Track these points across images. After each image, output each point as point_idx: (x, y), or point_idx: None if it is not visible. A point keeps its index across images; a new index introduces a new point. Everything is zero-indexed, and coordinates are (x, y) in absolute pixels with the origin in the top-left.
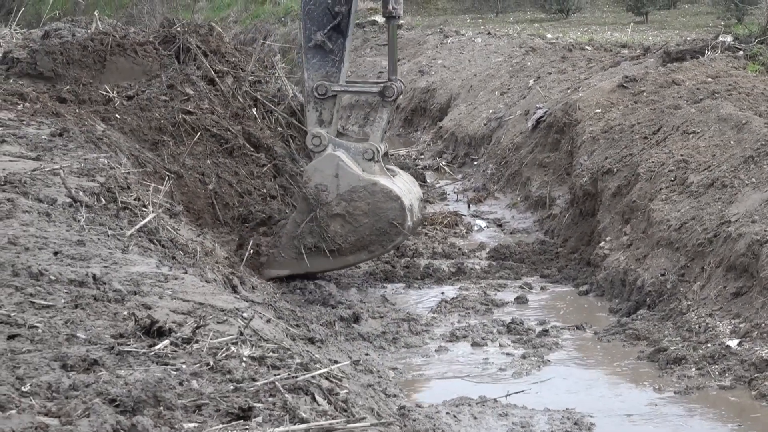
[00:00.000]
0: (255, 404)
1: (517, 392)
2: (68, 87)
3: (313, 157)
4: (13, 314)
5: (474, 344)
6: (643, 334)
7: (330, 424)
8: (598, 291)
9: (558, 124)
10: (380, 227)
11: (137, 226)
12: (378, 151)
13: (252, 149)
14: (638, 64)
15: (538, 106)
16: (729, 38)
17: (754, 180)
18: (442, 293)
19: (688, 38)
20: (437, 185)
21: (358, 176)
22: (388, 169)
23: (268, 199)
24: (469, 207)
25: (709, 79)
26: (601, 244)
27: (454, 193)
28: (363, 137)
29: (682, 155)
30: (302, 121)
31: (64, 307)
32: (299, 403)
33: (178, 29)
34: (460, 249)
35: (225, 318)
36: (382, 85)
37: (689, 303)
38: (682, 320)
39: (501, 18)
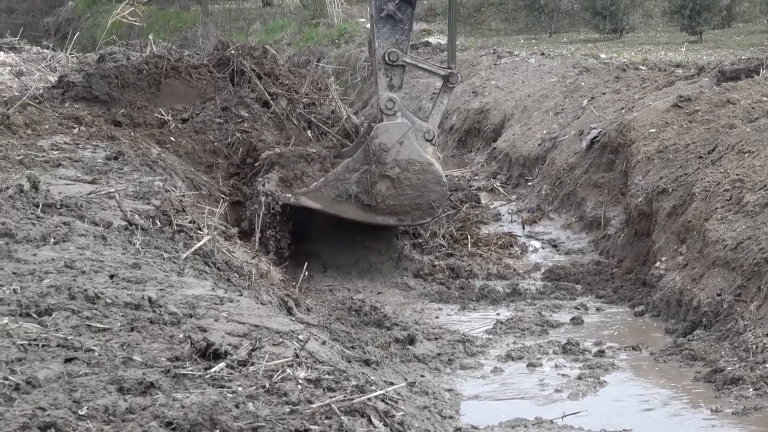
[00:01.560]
0: (311, 426)
1: (573, 413)
2: (123, 110)
3: (382, 119)
4: (69, 337)
5: (530, 365)
6: (699, 354)
7: None
8: (654, 311)
9: (612, 144)
10: (419, 203)
11: (192, 249)
12: (437, 135)
13: None
14: (693, 84)
15: (592, 126)
16: None
17: None
18: (498, 314)
19: (743, 57)
20: (491, 206)
21: (419, 152)
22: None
23: None
24: (523, 228)
25: (765, 98)
26: (657, 264)
27: (509, 214)
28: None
29: (737, 175)
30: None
31: (120, 330)
32: (355, 425)
33: (233, 52)
34: (514, 270)
35: (280, 340)
36: (448, 70)
37: (746, 323)
38: (739, 340)
39: (554, 38)
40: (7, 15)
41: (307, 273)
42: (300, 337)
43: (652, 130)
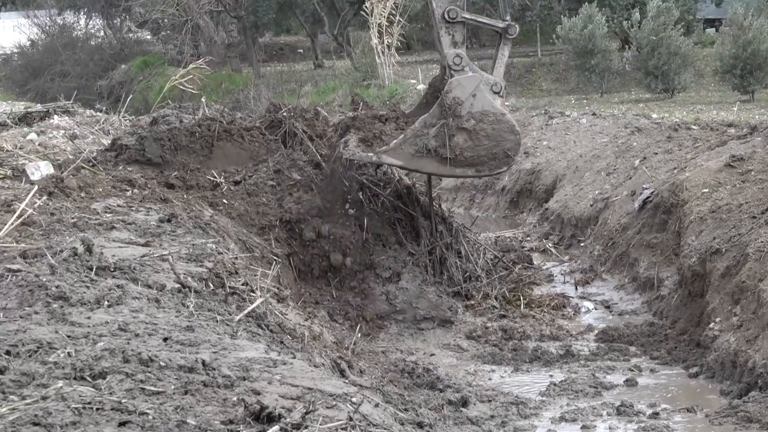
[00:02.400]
0: None
1: None
2: (176, 173)
3: (451, 75)
4: (124, 401)
5: (584, 427)
6: (755, 416)
7: None
8: (709, 373)
9: (665, 205)
10: (495, 153)
11: (245, 311)
12: (504, 87)
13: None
14: (745, 143)
15: (644, 186)
16: None
17: None
18: (551, 376)
19: None
20: (544, 267)
21: (492, 103)
22: None
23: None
24: (576, 289)
25: None
26: (711, 325)
27: (561, 274)
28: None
29: None
30: (408, 205)
31: (174, 393)
32: None
33: (284, 114)
34: (567, 331)
35: (334, 403)
36: (505, 22)
37: None
38: None
39: (606, 98)
40: (61, 79)
41: (359, 335)
42: (353, 399)
43: (704, 190)
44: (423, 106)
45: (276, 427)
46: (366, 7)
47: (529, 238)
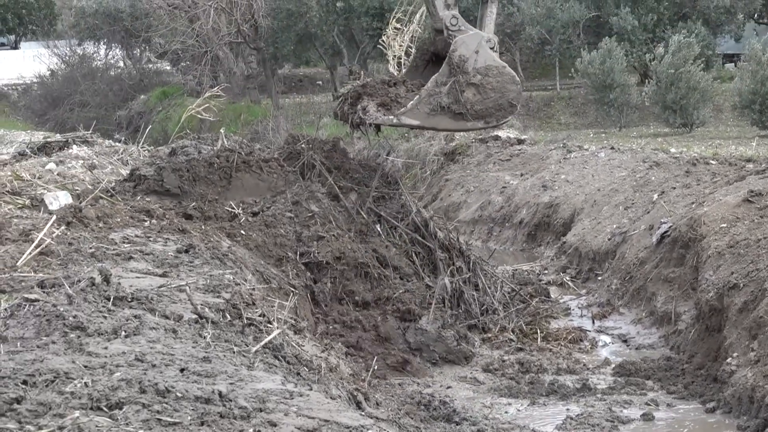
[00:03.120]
0: None
1: None
2: (194, 203)
3: (449, 36)
4: (140, 431)
5: None
6: None
7: None
8: (726, 408)
9: (683, 239)
10: (501, 104)
11: (262, 343)
12: (497, 42)
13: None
14: (764, 178)
15: (662, 220)
16: None
17: None
18: (567, 410)
19: None
20: (561, 301)
21: (493, 57)
22: None
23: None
24: (593, 322)
25: None
26: (728, 360)
27: (578, 308)
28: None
29: None
30: (426, 238)
31: (190, 424)
32: None
33: (303, 145)
34: (584, 365)
35: None
36: None
37: None
38: None
39: (624, 132)
40: (80, 109)
41: (376, 367)
42: None
43: (723, 225)
44: (413, 69)
45: None
46: (383, 40)
47: (546, 272)
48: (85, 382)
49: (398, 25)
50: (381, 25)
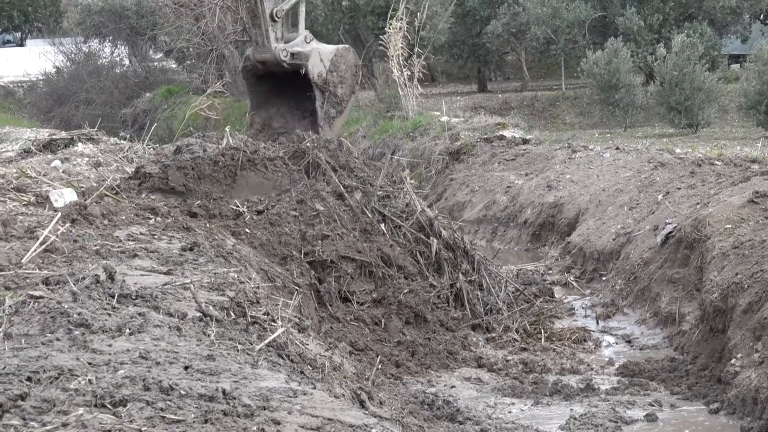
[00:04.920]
0: None
1: None
2: (199, 202)
3: (283, 65)
4: (144, 429)
5: None
6: None
7: None
8: (730, 409)
9: (687, 240)
10: (352, 72)
11: (266, 341)
12: (310, 35)
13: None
14: None
15: (667, 221)
16: None
17: None
18: (571, 410)
19: None
20: (565, 301)
21: (327, 49)
22: None
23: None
24: (597, 323)
25: None
26: (732, 361)
27: (582, 308)
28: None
29: None
30: (430, 237)
31: (194, 421)
32: None
33: (308, 144)
34: (588, 365)
35: None
36: None
37: None
38: None
39: (629, 133)
40: (85, 106)
41: (380, 366)
42: (373, 431)
43: (727, 226)
44: (256, 101)
45: None
46: (384, 38)
47: (550, 272)
48: (89, 379)
49: (398, 24)
50: (386, 25)
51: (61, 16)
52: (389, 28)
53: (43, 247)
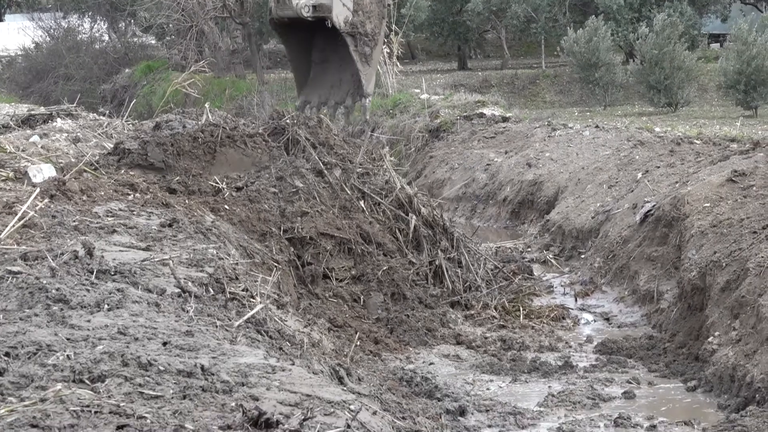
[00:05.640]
0: None
1: None
2: (178, 178)
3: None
4: (122, 404)
5: None
6: (752, 430)
7: None
8: (707, 386)
9: (666, 218)
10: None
11: (245, 317)
12: None
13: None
14: (747, 159)
15: (646, 199)
16: None
17: None
18: (549, 387)
19: None
20: (544, 278)
21: None
22: None
23: None
24: (576, 300)
25: None
26: (710, 339)
27: (561, 286)
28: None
29: None
30: (409, 214)
31: (172, 397)
32: None
33: (288, 121)
34: (566, 342)
35: (332, 410)
36: None
37: None
38: None
39: (609, 111)
40: (64, 82)
41: (358, 343)
42: (351, 407)
43: (706, 205)
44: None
45: None
46: None
47: (529, 249)
48: (67, 355)
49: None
50: None
51: None
52: None
53: (22, 222)
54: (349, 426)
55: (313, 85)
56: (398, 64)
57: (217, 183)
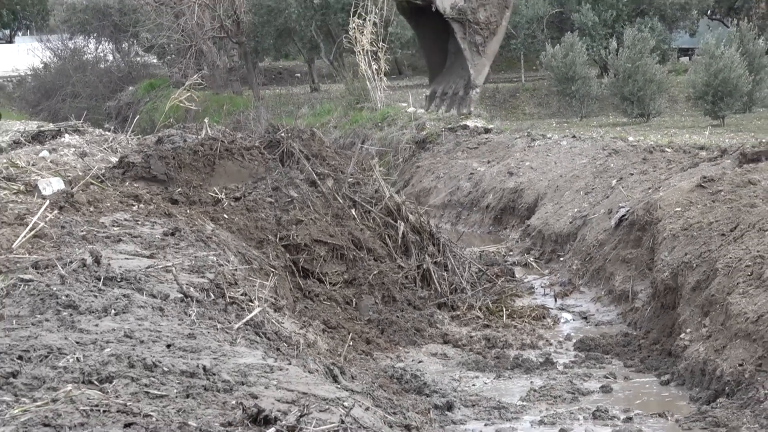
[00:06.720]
0: None
1: None
2: (180, 189)
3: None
4: (129, 403)
5: (561, 431)
6: (722, 421)
7: None
8: (679, 380)
9: (640, 222)
10: None
11: (244, 320)
12: None
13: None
14: (716, 165)
15: (620, 205)
16: None
17: None
18: (531, 382)
19: (764, 140)
20: (525, 280)
21: None
22: None
23: None
24: (555, 301)
25: None
26: (682, 335)
27: (542, 287)
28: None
29: (758, 251)
30: (398, 221)
31: (176, 396)
32: None
33: (282, 134)
34: (547, 340)
35: (327, 407)
36: None
37: (766, 392)
38: (760, 408)
39: (585, 122)
40: (71, 99)
41: (351, 343)
42: (345, 403)
43: (677, 209)
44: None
45: (272, 430)
46: (349, 33)
47: (511, 253)
48: (77, 357)
49: (361, 21)
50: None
51: (48, 14)
52: (353, 24)
53: (33, 232)
54: (342, 422)
55: (445, 74)
56: (386, 79)
57: (216, 193)
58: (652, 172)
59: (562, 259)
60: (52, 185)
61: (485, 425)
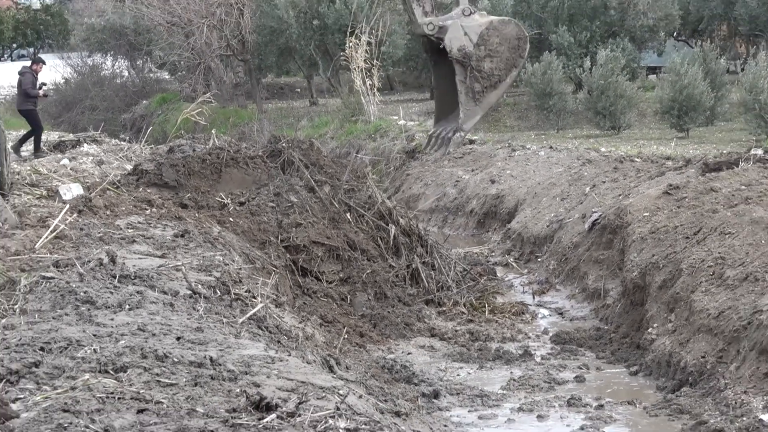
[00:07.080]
0: None
1: None
2: (189, 194)
3: (429, 41)
4: (141, 391)
5: (539, 416)
6: (686, 408)
7: None
8: (647, 371)
9: (611, 226)
10: (512, 46)
11: (248, 315)
12: (468, 5)
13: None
14: (681, 174)
15: (593, 210)
16: (760, 151)
17: None
18: (511, 373)
19: (725, 151)
20: (506, 279)
21: (478, 22)
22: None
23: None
24: (533, 298)
25: (743, 187)
26: (649, 330)
27: (521, 285)
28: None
29: (719, 253)
30: (389, 224)
31: (185, 385)
32: None
33: (283, 145)
34: (526, 334)
35: (323, 394)
36: None
37: (726, 381)
38: (720, 397)
39: (561, 134)
40: (90, 112)
41: (346, 336)
42: (340, 392)
43: (645, 214)
44: (437, 76)
45: (273, 415)
46: (345, 52)
47: (493, 254)
48: (94, 349)
49: (357, 41)
50: (348, 41)
51: (69, 33)
52: (349, 43)
53: (54, 234)
54: (338, 408)
55: (450, 120)
56: (378, 94)
57: (222, 199)
58: (622, 180)
59: (539, 259)
60: (71, 191)
61: (469, 411)
